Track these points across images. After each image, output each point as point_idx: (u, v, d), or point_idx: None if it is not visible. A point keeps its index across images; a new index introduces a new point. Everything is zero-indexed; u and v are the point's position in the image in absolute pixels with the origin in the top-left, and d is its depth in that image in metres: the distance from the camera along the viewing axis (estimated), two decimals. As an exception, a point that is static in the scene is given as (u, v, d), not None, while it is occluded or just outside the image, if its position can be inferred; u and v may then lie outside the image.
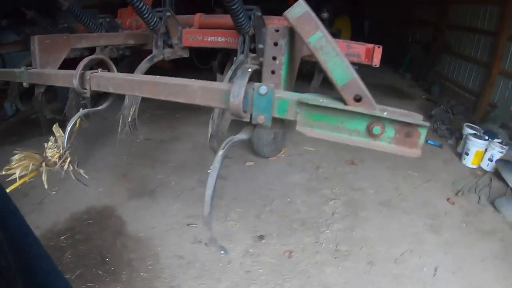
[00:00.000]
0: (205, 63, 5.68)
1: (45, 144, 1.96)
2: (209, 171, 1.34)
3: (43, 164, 1.79)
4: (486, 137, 4.16)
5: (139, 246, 2.87)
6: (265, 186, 3.66)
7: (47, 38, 2.50)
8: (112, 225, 3.11)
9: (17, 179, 1.68)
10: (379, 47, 2.73)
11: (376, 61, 2.74)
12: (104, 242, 2.88)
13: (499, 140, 4.14)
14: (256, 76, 1.44)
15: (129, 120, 3.25)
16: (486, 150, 4.06)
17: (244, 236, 2.99)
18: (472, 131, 4.40)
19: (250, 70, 1.39)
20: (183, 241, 2.90)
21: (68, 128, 1.88)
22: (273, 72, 1.36)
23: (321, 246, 2.80)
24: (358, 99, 1.25)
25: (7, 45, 5.02)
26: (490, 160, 4.03)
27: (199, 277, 2.57)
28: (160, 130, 4.91)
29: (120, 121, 3.21)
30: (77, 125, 1.99)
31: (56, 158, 1.81)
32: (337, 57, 1.20)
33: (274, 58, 1.33)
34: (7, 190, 1.86)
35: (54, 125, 1.93)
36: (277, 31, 1.30)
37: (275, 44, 1.31)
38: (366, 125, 1.27)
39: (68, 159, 1.87)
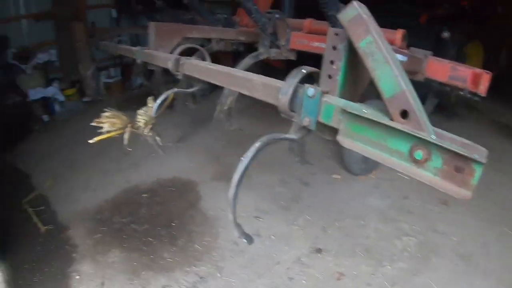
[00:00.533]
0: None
1: (138, 111, 2.33)
2: (242, 158, 1.39)
3: (129, 125, 2.15)
4: None
5: (204, 222, 3.12)
6: (343, 202, 3.49)
7: (163, 25, 2.94)
8: (189, 198, 3.46)
9: (105, 133, 2.08)
10: (487, 73, 2.30)
11: (483, 90, 2.31)
12: (176, 209, 3.24)
13: None
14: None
15: (226, 108, 3.54)
16: None
17: (303, 244, 2.94)
18: None
19: (304, 71, 1.39)
20: (245, 230, 3.02)
21: (158, 101, 2.19)
22: (329, 77, 1.34)
23: (375, 279, 2.54)
24: (404, 115, 1.11)
25: (140, 27, 6.06)
26: None
27: (244, 266, 2.65)
28: (261, 125, 5.13)
29: (217, 108, 3.54)
30: (167, 101, 2.30)
31: (142, 124, 2.14)
32: (387, 65, 1.09)
33: (332, 62, 1.31)
34: (96, 139, 2.32)
35: (149, 97, 2.28)
36: (336, 34, 1.27)
37: (334, 48, 1.29)
38: (409, 147, 1.13)
39: (150, 127, 2.18)
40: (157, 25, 2.90)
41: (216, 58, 3.51)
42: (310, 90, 1.31)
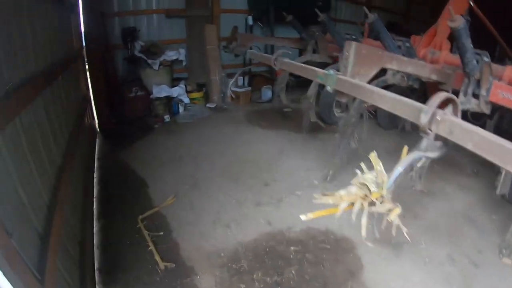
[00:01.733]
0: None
1: (358, 171, 1.48)
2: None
3: (361, 199, 1.30)
4: None
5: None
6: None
7: (364, 48, 2.11)
8: (348, 263, 2.49)
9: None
10: None
11: None
12: (333, 276, 2.29)
13: None
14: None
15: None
16: None
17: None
18: None
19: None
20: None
21: (400, 169, 1.30)
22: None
23: None
24: None
25: (286, 39, 5.35)
26: None
27: None
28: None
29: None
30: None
31: (376, 198, 1.27)
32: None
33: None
34: (310, 216, 1.51)
35: (373, 154, 1.40)
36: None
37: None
38: None
39: (396, 210, 1.29)
40: (358, 47, 2.08)
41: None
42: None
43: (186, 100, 5.30)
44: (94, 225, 2.79)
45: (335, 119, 4.63)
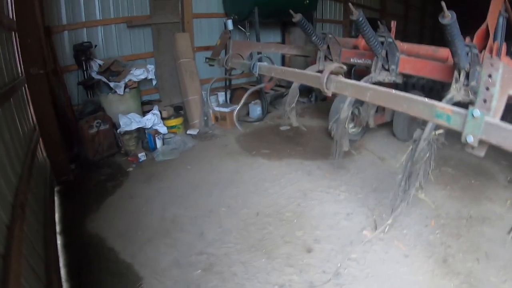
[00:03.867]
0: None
1: None
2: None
3: None
4: None
5: None
6: None
7: None
8: None
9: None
10: None
11: None
12: None
13: None
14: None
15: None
16: None
17: None
18: None
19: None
20: None
21: None
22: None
23: None
24: None
25: (294, 46, 4.51)
26: None
27: None
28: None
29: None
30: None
31: None
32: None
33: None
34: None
35: None
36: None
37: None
38: None
39: None
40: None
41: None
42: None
43: (163, 129, 4.19)
44: None
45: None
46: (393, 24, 3.15)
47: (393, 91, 1.59)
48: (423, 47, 3.11)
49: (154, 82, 4.56)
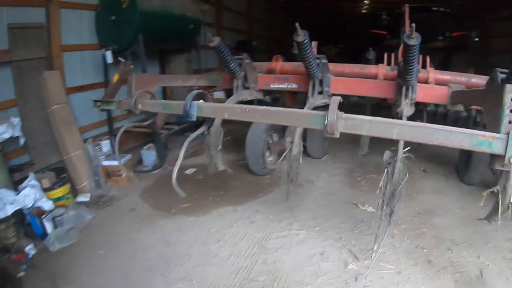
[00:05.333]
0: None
1: None
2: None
3: None
4: None
5: None
6: None
7: None
8: None
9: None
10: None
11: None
12: None
13: None
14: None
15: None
16: None
17: None
18: None
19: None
20: None
21: None
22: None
23: None
24: None
25: (205, 78, 4.06)
26: None
27: None
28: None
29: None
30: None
31: None
32: None
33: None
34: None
35: None
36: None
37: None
38: None
39: None
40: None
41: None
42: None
43: (48, 205, 3.00)
44: None
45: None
46: (314, 44, 3.11)
47: (427, 124, 1.47)
48: (347, 65, 3.19)
49: (22, 141, 3.33)
